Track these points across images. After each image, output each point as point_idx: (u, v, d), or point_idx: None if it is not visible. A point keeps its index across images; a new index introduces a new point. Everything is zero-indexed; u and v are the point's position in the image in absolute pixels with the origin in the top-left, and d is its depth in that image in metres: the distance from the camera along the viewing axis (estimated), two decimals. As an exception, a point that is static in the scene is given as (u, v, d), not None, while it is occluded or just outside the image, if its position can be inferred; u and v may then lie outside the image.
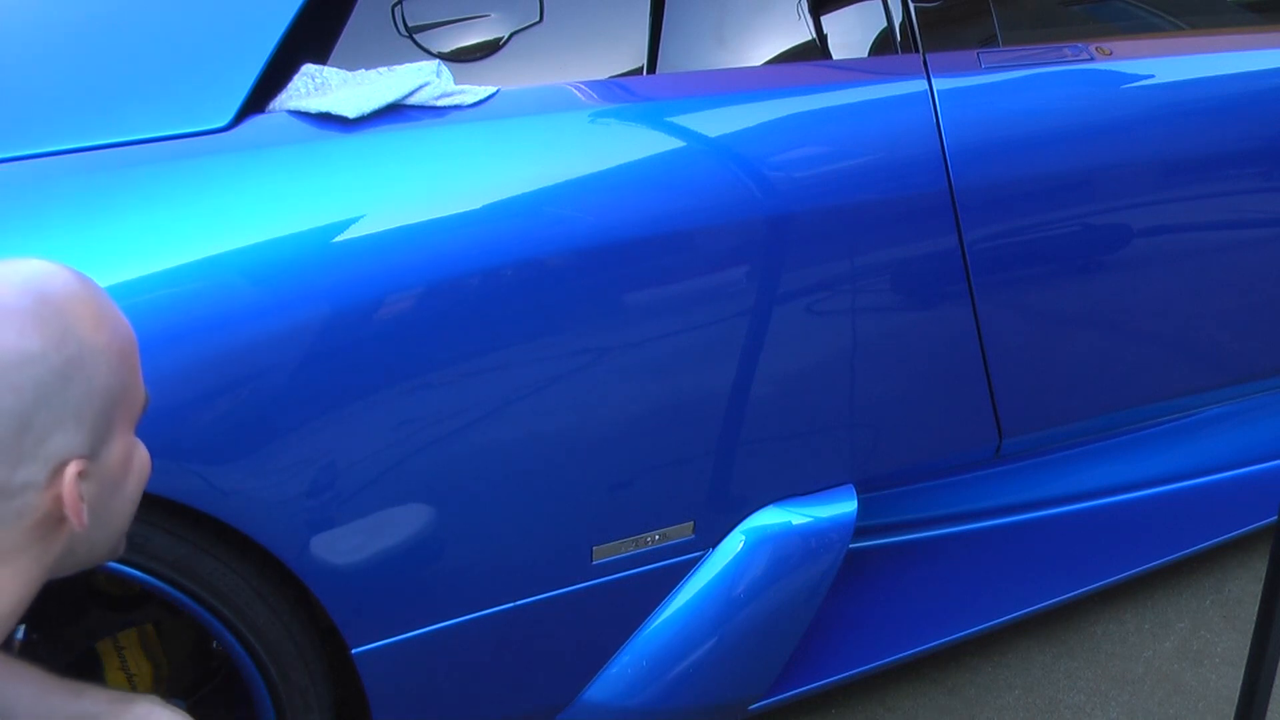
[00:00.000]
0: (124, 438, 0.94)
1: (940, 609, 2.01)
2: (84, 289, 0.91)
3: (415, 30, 1.50)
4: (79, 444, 0.88)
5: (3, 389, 0.83)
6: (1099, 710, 2.00)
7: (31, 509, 0.87)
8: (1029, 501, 2.13)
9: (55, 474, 0.87)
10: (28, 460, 0.85)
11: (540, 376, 1.44)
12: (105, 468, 0.92)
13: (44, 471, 0.86)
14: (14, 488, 0.85)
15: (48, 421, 0.85)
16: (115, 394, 0.91)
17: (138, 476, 0.97)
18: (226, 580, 1.36)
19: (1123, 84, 1.89)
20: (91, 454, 0.89)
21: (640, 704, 1.68)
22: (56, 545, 0.91)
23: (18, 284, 0.87)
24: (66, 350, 0.86)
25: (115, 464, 0.93)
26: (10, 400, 0.83)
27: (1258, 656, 1.48)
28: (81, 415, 0.88)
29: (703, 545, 1.67)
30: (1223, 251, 2.06)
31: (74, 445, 0.87)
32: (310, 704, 1.48)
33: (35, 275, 0.89)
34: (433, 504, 1.44)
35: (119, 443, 0.93)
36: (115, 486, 0.94)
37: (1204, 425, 2.31)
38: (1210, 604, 2.25)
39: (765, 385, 1.61)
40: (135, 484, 0.97)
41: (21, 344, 0.84)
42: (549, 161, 1.45)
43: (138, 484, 0.98)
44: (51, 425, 0.86)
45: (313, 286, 1.30)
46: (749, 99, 1.61)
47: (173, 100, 1.34)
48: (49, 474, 0.86)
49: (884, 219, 1.65)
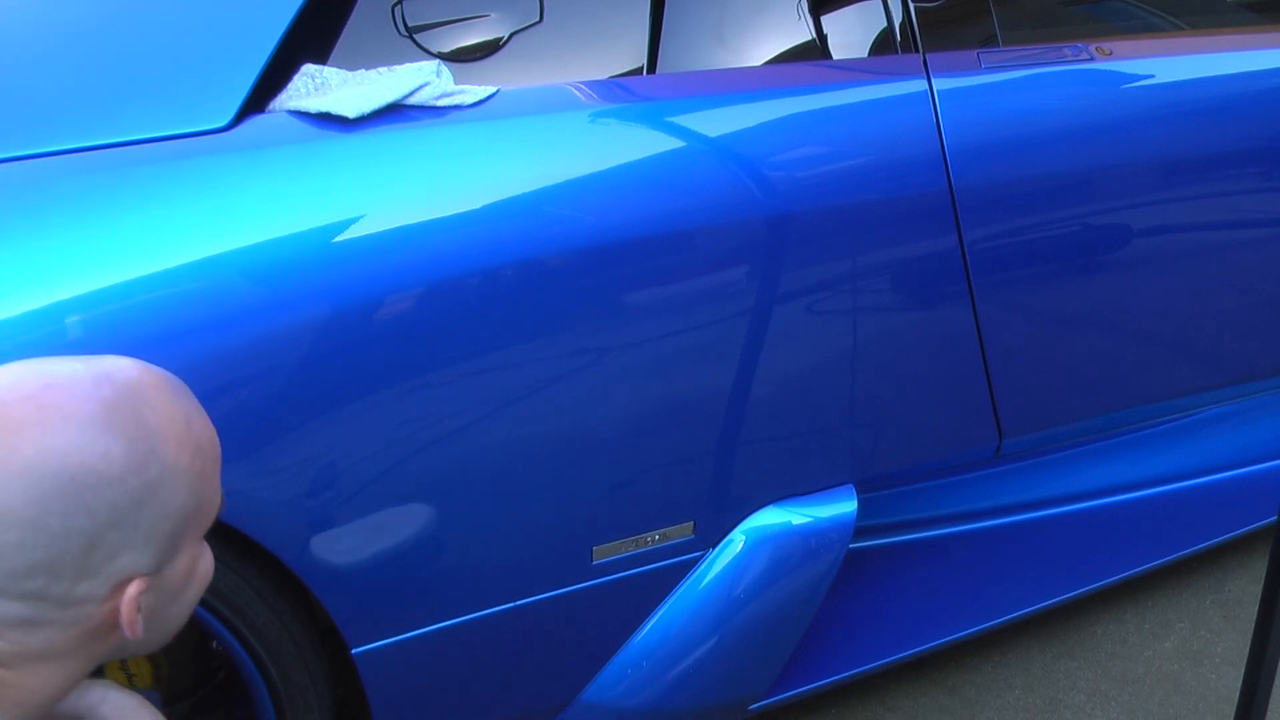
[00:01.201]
0: (191, 550, 0.93)
1: (940, 609, 2.01)
2: (176, 399, 0.90)
3: (415, 30, 1.50)
4: (145, 563, 0.87)
5: (77, 509, 0.82)
6: (1099, 710, 2.00)
7: (88, 617, 0.87)
8: (1029, 501, 2.13)
9: (116, 589, 0.87)
10: (91, 575, 0.85)
11: (540, 376, 1.44)
12: (168, 581, 0.92)
13: (106, 587, 0.86)
14: (74, 599, 0.85)
15: (117, 542, 0.85)
16: (189, 513, 0.90)
17: (199, 584, 0.97)
18: (226, 580, 1.36)
19: (1123, 84, 1.89)
20: (155, 571, 0.89)
21: (640, 704, 1.68)
22: (107, 647, 0.91)
23: (109, 398, 0.85)
24: (148, 475, 0.85)
25: (179, 577, 0.93)
26: (83, 521, 0.82)
27: (1258, 656, 1.48)
28: (151, 537, 0.87)
29: (703, 545, 1.67)
30: (1223, 251, 2.06)
31: (140, 564, 0.87)
32: (310, 704, 1.48)
33: (128, 386, 0.87)
34: (433, 504, 1.44)
35: (185, 555, 0.92)
36: (175, 596, 0.94)
37: (1204, 425, 2.31)
38: (1210, 604, 2.25)
39: (765, 385, 1.61)
40: (195, 592, 0.97)
41: (105, 468, 0.83)
42: (549, 161, 1.45)
43: (198, 591, 0.97)
44: (120, 546, 0.85)
45: (313, 286, 1.30)
46: (749, 99, 1.61)
47: (173, 100, 1.34)
48: (110, 589, 0.86)
49: (884, 219, 1.65)
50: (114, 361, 0.89)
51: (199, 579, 0.97)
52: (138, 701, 1.11)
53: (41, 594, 0.83)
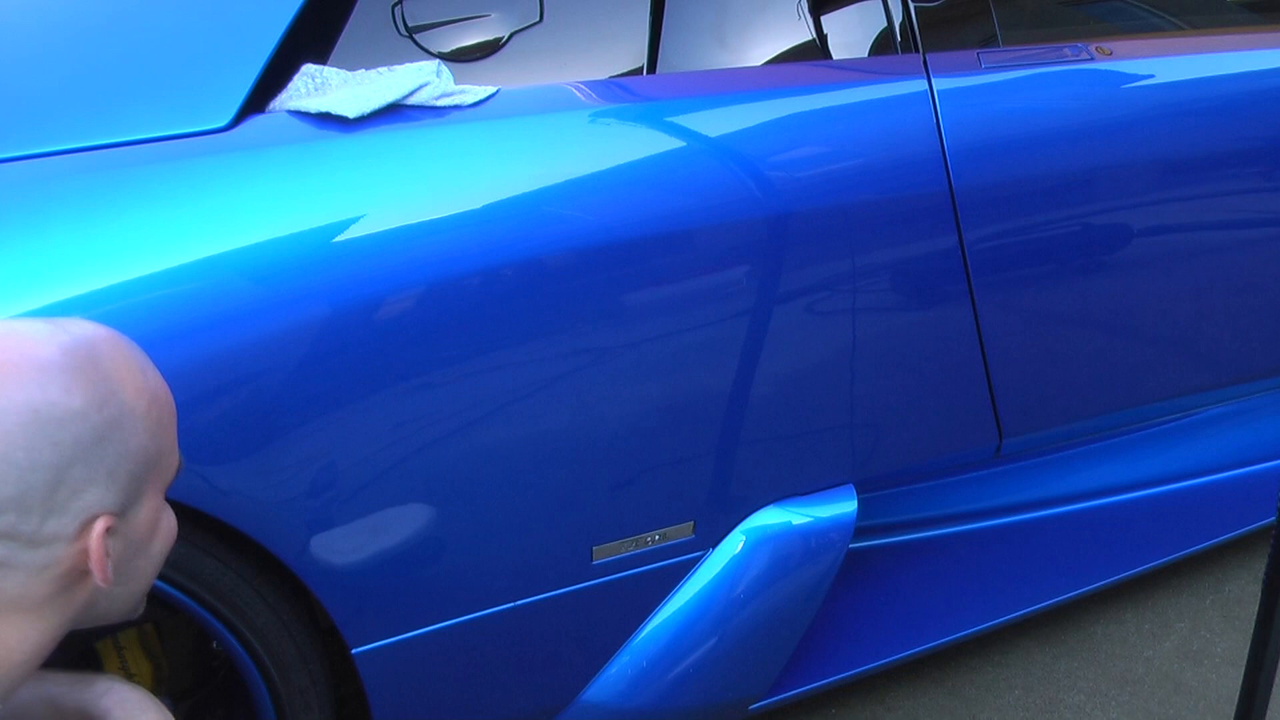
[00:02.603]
0: (153, 500, 0.97)
1: (940, 609, 2.01)
2: (130, 354, 0.95)
3: (415, 30, 1.50)
4: (110, 501, 0.91)
5: (43, 443, 0.86)
6: (1099, 710, 2.00)
7: (57, 560, 0.90)
8: (1029, 501, 2.13)
9: (84, 528, 0.90)
10: (59, 512, 0.88)
11: (540, 376, 1.44)
12: (133, 527, 0.95)
13: (73, 525, 0.89)
14: (43, 538, 0.88)
15: (82, 477, 0.89)
16: (149, 457, 0.94)
17: (164, 540, 1.01)
18: (226, 580, 1.36)
19: (1123, 84, 1.89)
20: (120, 512, 0.93)
21: (640, 704, 1.68)
22: (80, 599, 0.94)
23: (67, 343, 0.90)
24: (108, 411, 0.90)
25: (143, 525, 0.96)
26: (49, 454, 0.86)
27: (1258, 656, 1.48)
28: (115, 474, 0.91)
29: (703, 545, 1.67)
30: (1223, 251, 2.06)
31: (105, 502, 0.91)
32: (310, 704, 1.48)
33: (85, 336, 0.92)
34: (433, 504, 1.44)
35: (148, 504, 0.96)
36: (141, 546, 0.98)
37: (1204, 425, 2.31)
38: (1210, 604, 2.25)
39: (765, 385, 1.61)
40: (160, 547, 1.01)
41: (66, 401, 0.87)
42: (549, 161, 1.45)
43: (163, 547, 1.01)
44: (85, 481, 0.89)
45: (313, 286, 1.30)
46: (749, 99, 1.61)
47: (173, 100, 1.34)
48: (78, 528, 0.90)
49: (884, 219, 1.65)
50: (71, 320, 0.95)
51: (164, 535, 1.00)
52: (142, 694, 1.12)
53: (11, 532, 0.86)
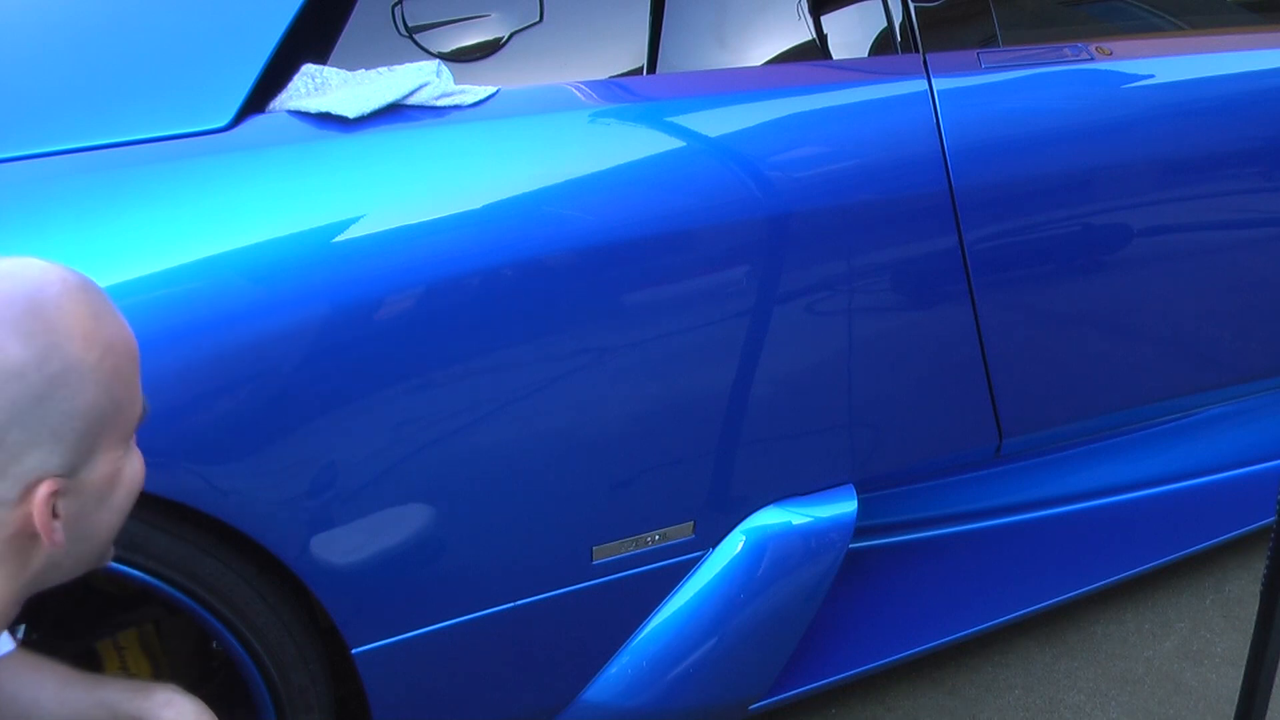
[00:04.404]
0: (111, 453, 0.91)
1: (940, 609, 2.01)
2: (80, 299, 0.87)
3: (415, 30, 1.50)
4: (55, 464, 0.85)
5: None
6: (1099, 710, 2.00)
7: (2, 525, 0.85)
8: (1029, 501, 2.13)
9: (27, 492, 0.85)
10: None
11: (540, 376, 1.44)
12: (87, 484, 0.89)
13: (15, 490, 0.84)
14: None
15: (21, 440, 0.83)
16: (103, 412, 0.88)
17: (127, 489, 0.95)
18: (226, 580, 1.36)
19: (1123, 84, 1.89)
20: (70, 472, 0.87)
21: (640, 704, 1.68)
22: (34, 561, 0.89)
23: (8, 289, 0.83)
24: (49, 368, 0.83)
25: (99, 480, 0.90)
26: None
27: (1258, 656, 1.48)
28: (60, 435, 0.85)
29: (703, 545, 1.67)
30: (1223, 251, 2.06)
31: (49, 465, 0.85)
32: (310, 704, 1.48)
33: (28, 281, 0.85)
34: (433, 504, 1.44)
35: (105, 459, 0.90)
36: (99, 501, 0.92)
37: (1204, 425, 2.31)
38: (1210, 604, 2.25)
39: (765, 385, 1.61)
40: (123, 497, 0.94)
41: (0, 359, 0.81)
42: (549, 161, 1.45)
43: (127, 496, 0.95)
44: (26, 444, 0.83)
45: (313, 286, 1.30)
46: (749, 99, 1.61)
47: (173, 100, 1.34)
48: (20, 492, 0.84)
49: (884, 219, 1.65)
50: (19, 260, 0.87)
51: (127, 484, 0.94)
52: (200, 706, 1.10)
53: None
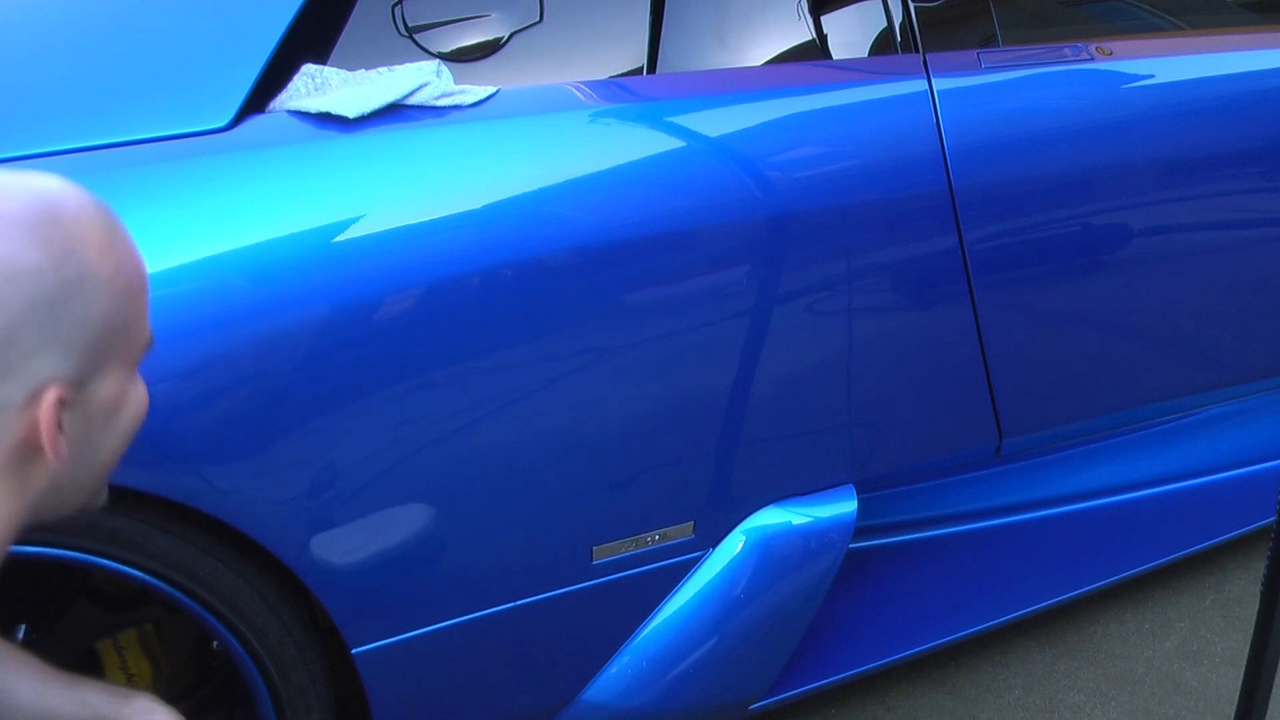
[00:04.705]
0: (118, 373, 0.90)
1: (940, 609, 2.01)
2: (99, 214, 0.88)
3: (415, 30, 1.50)
4: (64, 371, 0.85)
5: None
6: (1099, 710, 2.00)
7: (6, 431, 0.84)
8: (1029, 501, 2.13)
9: (34, 397, 0.84)
10: (7, 376, 0.82)
11: (540, 376, 1.44)
12: (93, 400, 0.89)
13: (22, 392, 0.83)
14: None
15: (33, 341, 0.82)
16: (113, 326, 0.88)
17: (132, 416, 0.94)
18: (226, 580, 1.36)
19: (1123, 84, 1.89)
20: (78, 383, 0.86)
21: (640, 704, 1.68)
22: (37, 480, 0.88)
23: (28, 197, 0.84)
24: (65, 272, 0.83)
25: (105, 399, 0.90)
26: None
27: (1258, 656, 1.48)
28: (71, 342, 0.85)
29: (703, 545, 1.67)
30: (1223, 251, 2.06)
31: (58, 371, 0.84)
32: (310, 704, 1.48)
33: (48, 191, 0.86)
34: (433, 504, 1.44)
35: (112, 378, 0.90)
36: (104, 422, 0.91)
37: (1204, 425, 2.31)
38: (1210, 604, 2.25)
39: (765, 385, 1.61)
40: (128, 422, 0.94)
41: (18, 258, 0.81)
42: (549, 161, 1.45)
43: (131, 423, 0.94)
44: (37, 346, 0.83)
45: (312, 286, 1.30)
46: (749, 99, 1.61)
47: (173, 100, 1.34)
48: (27, 395, 0.84)
49: (884, 219, 1.65)
50: (38, 175, 0.88)
51: (132, 410, 0.94)
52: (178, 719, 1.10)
53: None
